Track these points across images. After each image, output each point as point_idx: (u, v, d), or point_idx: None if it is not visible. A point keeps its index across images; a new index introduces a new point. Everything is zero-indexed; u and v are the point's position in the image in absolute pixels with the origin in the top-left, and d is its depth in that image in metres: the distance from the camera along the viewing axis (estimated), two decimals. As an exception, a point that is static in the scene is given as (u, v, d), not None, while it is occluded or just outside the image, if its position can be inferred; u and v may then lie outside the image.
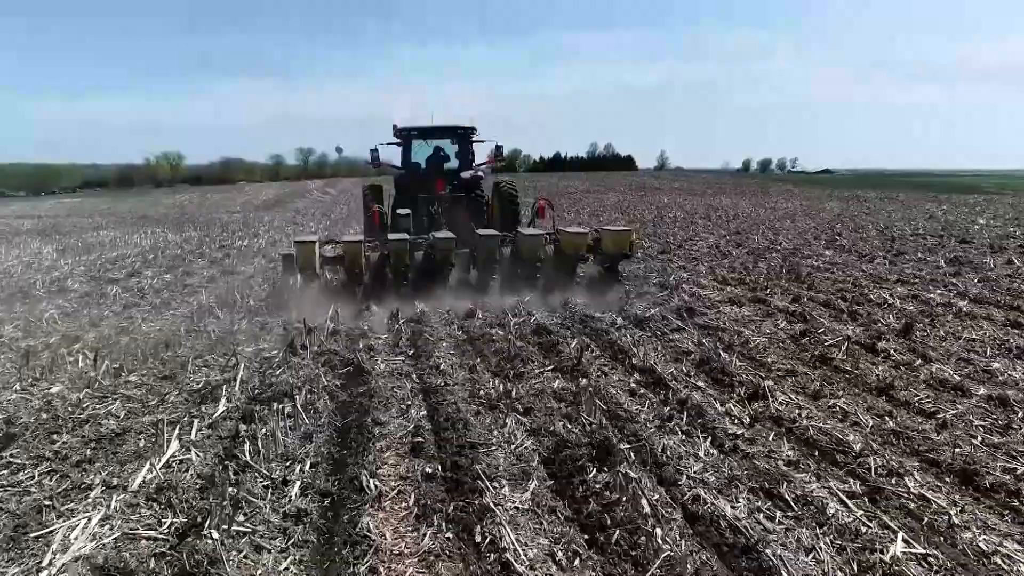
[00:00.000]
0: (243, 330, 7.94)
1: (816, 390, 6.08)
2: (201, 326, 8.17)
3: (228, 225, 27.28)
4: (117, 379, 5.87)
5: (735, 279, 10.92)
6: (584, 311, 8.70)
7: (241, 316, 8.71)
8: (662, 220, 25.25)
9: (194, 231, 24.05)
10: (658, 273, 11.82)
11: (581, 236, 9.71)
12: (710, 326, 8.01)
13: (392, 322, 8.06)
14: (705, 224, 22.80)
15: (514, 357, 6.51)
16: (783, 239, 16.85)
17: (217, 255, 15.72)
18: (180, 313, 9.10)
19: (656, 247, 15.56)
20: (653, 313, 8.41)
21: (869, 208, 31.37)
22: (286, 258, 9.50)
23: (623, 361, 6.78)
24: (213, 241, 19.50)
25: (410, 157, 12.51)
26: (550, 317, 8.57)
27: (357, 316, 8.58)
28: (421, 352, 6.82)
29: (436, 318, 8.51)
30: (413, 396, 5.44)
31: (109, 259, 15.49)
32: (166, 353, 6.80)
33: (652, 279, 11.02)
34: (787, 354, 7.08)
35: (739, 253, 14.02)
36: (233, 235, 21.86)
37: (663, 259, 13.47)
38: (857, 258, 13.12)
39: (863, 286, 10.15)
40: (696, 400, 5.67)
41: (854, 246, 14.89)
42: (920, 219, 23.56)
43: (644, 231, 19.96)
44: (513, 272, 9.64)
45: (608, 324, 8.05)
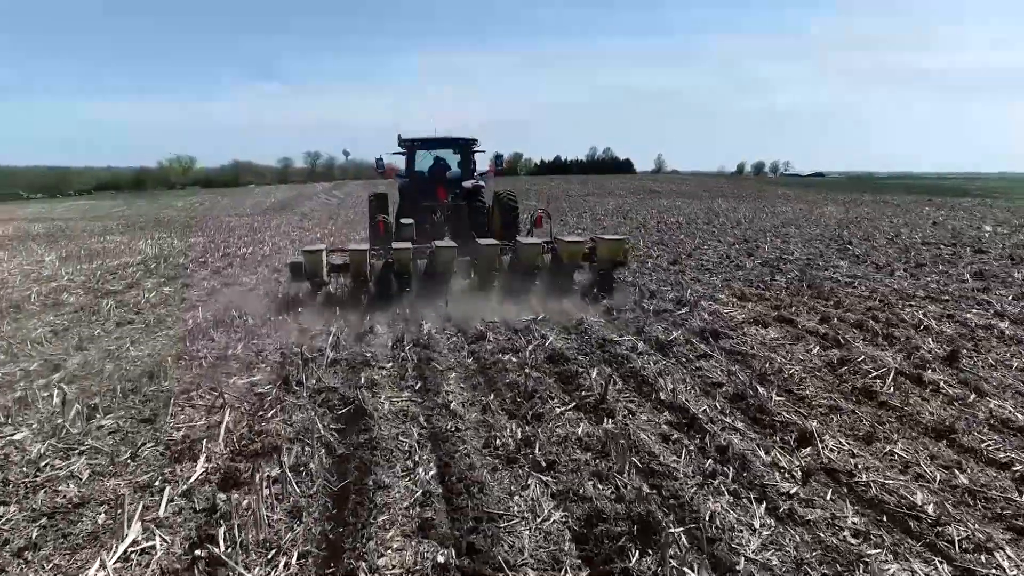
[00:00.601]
0: (238, 355, 7.11)
1: (867, 432, 5.26)
2: (194, 350, 7.35)
3: (235, 230, 26.47)
4: (89, 423, 5.04)
5: (754, 295, 10.08)
6: (601, 333, 7.88)
7: (238, 337, 7.89)
8: (666, 225, 24.41)
9: (200, 236, 23.23)
10: (673, 287, 11.00)
11: (578, 245, 9.71)
12: (737, 351, 7.18)
13: (397, 348, 7.23)
14: (709, 230, 21.96)
15: (532, 395, 5.68)
16: (793, 248, 16.01)
17: (220, 264, 14.90)
18: (173, 334, 8.28)
19: (666, 256, 14.72)
20: (675, 336, 7.58)
21: (869, 213, 30.50)
22: (294, 266, 9.42)
23: (650, 395, 5.95)
24: (218, 248, 18.69)
25: (414, 166, 12.50)
26: (565, 339, 7.74)
27: (359, 339, 7.76)
28: (429, 385, 5.99)
29: (443, 341, 7.69)
30: (421, 447, 4.61)
31: (111, 268, 14.68)
32: (150, 387, 5.98)
33: (668, 294, 10.18)
34: (826, 386, 6.25)
35: (752, 264, 13.17)
36: (239, 241, 21.04)
37: (675, 271, 12.63)
38: (875, 270, 12.28)
39: (891, 304, 9.31)
40: (737, 447, 4.85)
41: (868, 256, 14.03)
42: (924, 226, 22.70)
43: (650, 238, 19.12)
44: (512, 279, 9.55)
45: (628, 349, 7.23)
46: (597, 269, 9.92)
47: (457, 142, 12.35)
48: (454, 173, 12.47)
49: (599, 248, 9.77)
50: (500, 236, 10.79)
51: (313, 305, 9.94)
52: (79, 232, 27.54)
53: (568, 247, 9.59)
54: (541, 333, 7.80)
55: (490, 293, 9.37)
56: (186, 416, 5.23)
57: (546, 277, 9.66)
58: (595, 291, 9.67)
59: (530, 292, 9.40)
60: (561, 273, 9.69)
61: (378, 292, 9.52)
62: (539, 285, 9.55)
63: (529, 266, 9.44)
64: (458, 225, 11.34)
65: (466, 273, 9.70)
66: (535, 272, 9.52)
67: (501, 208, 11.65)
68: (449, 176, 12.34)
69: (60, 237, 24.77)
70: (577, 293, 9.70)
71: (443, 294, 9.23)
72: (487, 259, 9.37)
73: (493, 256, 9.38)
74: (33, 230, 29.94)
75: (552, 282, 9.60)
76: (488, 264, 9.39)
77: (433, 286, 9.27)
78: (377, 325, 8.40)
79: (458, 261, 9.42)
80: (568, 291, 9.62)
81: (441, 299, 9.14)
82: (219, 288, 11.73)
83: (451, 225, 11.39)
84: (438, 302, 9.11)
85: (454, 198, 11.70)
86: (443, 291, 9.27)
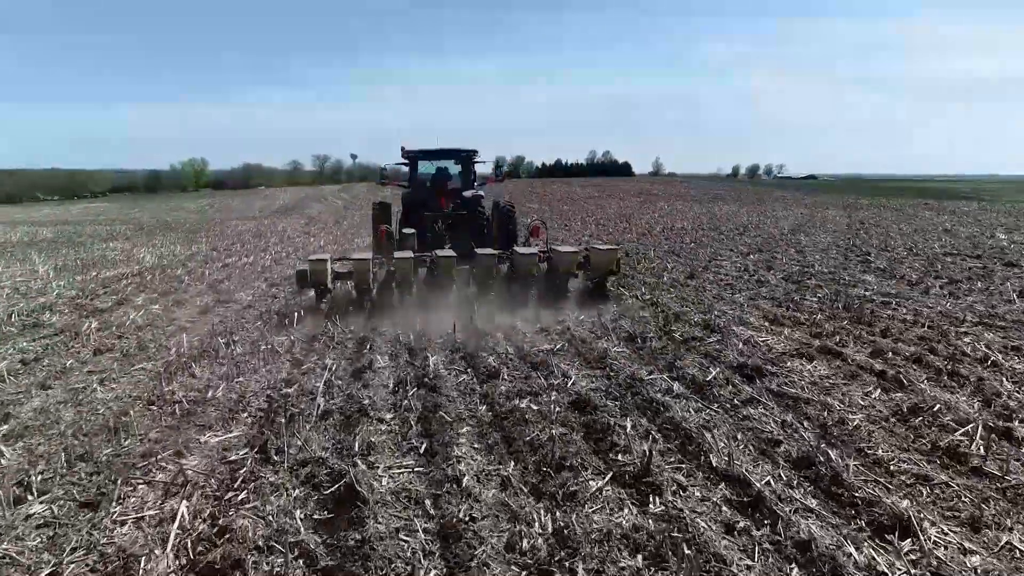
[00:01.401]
0: (217, 400, 5.95)
1: (971, 515, 4.11)
2: (169, 392, 6.19)
3: (240, 235, 25.32)
4: (16, 510, 3.90)
5: (787, 317, 8.90)
6: (629, 368, 6.72)
7: (221, 374, 6.73)
8: (672, 232, 23.22)
9: (203, 243, 22.08)
10: (695, 305, 9.83)
11: (572, 254, 9.77)
12: (787, 394, 6.02)
13: (399, 391, 6.06)
14: (717, 237, 20.77)
15: (561, 463, 4.51)
16: (811, 259, 14.82)
17: (217, 276, 13.74)
18: (151, 368, 7.11)
19: (681, 269, 13.54)
20: (714, 375, 6.41)
21: (872, 218, 29.28)
22: (300, 274, 9.39)
23: (698, 457, 4.79)
24: (219, 256, 17.53)
25: (416, 177, 12.44)
26: (589, 377, 6.57)
27: (356, 376, 6.58)
28: (436, 446, 4.82)
29: (451, 379, 6.52)
30: (426, 554, 3.46)
31: (105, 280, 13.53)
32: (105, 450, 4.82)
33: (693, 316, 9.01)
34: (902, 443, 5.09)
35: (775, 279, 11.97)
36: (241, 248, 19.89)
37: (694, 286, 11.45)
38: (908, 287, 11.08)
39: (941, 329, 8.13)
40: (820, 541, 3.70)
41: (894, 270, 12.83)
42: (936, 232, 21.49)
43: (660, 248, 17.93)
44: (510, 288, 9.61)
45: (663, 391, 6.06)
46: (591, 278, 10.04)
47: (458, 153, 12.30)
48: (455, 183, 12.34)
49: (593, 257, 9.82)
50: (499, 245, 10.85)
51: (308, 327, 8.83)
52: (85, 237, 26.41)
53: (563, 257, 9.62)
54: (562, 370, 6.63)
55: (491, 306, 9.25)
56: (138, 498, 4.06)
57: (542, 285, 9.72)
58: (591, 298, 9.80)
59: (527, 300, 9.46)
60: (556, 281, 9.73)
61: (381, 300, 9.49)
62: (535, 293, 9.62)
63: (525, 275, 9.49)
64: (459, 234, 11.30)
65: (465, 282, 9.61)
66: (531, 280, 9.58)
67: (500, 217, 11.70)
68: (450, 186, 12.20)
69: (64, 243, 23.65)
70: (572, 300, 9.72)
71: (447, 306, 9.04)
72: (485, 268, 9.37)
73: (491, 265, 9.40)
74: (41, 235, 28.87)
75: (548, 290, 9.67)
76: (486, 273, 9.39)
77: (434, 294, 9.28)
78: (377, 357, 7.24)
79: (457, 270, 9.41)
80: (563, 299, 9.66)
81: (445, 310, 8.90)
82: (212, 306, 10.57)
83: (452, 234, 11.35)
84: (444, 326, 8.46)
85: (455, 208, 11.67)
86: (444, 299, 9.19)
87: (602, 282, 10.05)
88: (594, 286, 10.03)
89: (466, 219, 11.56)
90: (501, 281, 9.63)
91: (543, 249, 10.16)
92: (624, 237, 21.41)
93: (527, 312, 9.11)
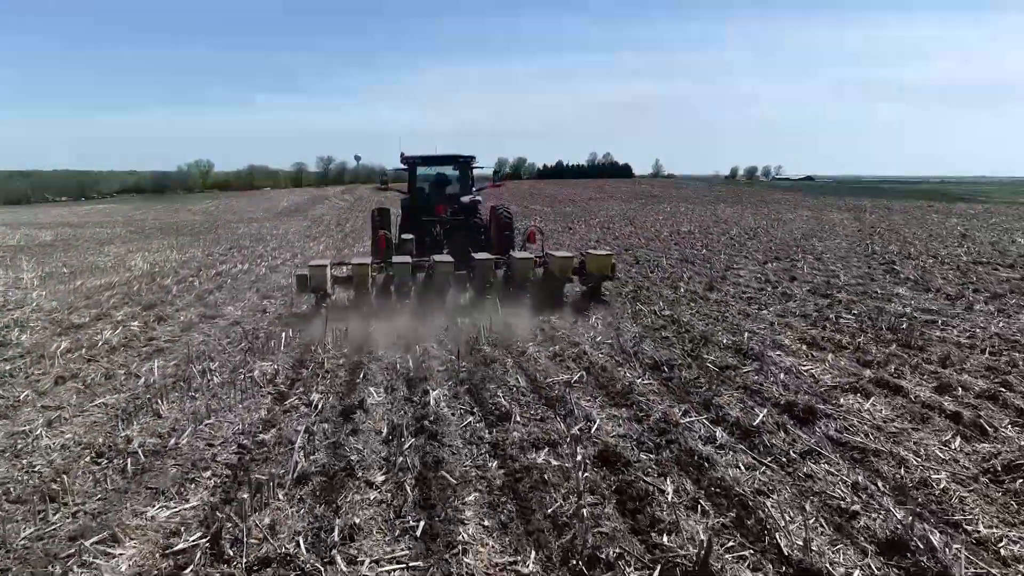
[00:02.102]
0: (179, 452, 4.92)
1: None
2: (125, 439, 5.16)
3: (239, 239, 24.30)
4: None
5: (826, 339, 7.84)
6: (660, 406, 5.68)
7: (190, 413, 5.70)
8: (679, 236, 22.17)
9: (201, 248, 21.05)
10: (719, 322, 8.79)
11: (568, 259, 9.74)
12: (850, 443, 4.97)
13: (393, 441, 5.01)
14: (727, 241, 19.72)
15: (594, 555, 3.47)
16: (833, 267, 13.76)
17: (208, 286, 12.70)
18: (112, 403, 6.08)
19: (697, 279, 12.49)
20: (760, 419, 5.37)
21: (883, 221, 28.19)
22: (300, 278, 9.29)
23: (762, 538, 3.75)
24: (215, 263, 16.50)
25: (415, 183, 12.30)
26: (614, 419, 5.54)
27: (345, 418, 5.53)
28: (437, 525, 3.78)
29: (455, 423, 5.47)
30: None
31: (90, 290, 12.51)
32: (26, 530, 3.79)
33: (721, 337, 7.96)
34: (1007, 515, 4.05)
35: (800, 292, 10.89)
36: (237, 254, 18.87)
37: (715, 300, 10.40)
38: (948, 302, 10.02)
39: (1009, 357, 7.07)
40: None
41: (927, 281, 11.75)
42: (953, 238, 20.42)
43: (670, 254, 16.86)
44: (506, 292, 9.57)
45: (703, 439, 5.03)
46: (586, 282, 9.99)
47: (456, 159, 12.20)
48: (453, 189, 12.27)
49: (588, 263, 9.78)
50: (497, 250, 10.84)
51: (296, 350, 7.81)
52: (83, 241, 25.39)
53: (559, 262, 9.58)
54: (584, 410, 5.59)
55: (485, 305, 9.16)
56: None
57: (538, 290, 9.67)
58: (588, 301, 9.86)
59: (523, 304, 9.39)
60: (552, 286, 9.70)
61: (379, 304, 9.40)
62: (531, 297, 9.55)
63: (522, 280, 9.45)
64: (456, 239, 11.17)
65: (462, 286, 9.57)
66: (527, 285, 9.54)
67: (497, 222, 11.57)
68: (448, 192, 12.15)
69: (60, 247, 22.64)
70: (568, 305, 9.68)
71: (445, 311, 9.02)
72: (482, 273, 9.31)
73: (488, 270, 9.34)
74: (40, 238, 27.91)
75: (544, 294, 9.62)
76: (483, 278, 9.32)
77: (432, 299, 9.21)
78: (371, 390, 6.20)
79: (454, 275, 9.32)
80: (559, 303, 9.64)
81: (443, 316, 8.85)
82: (196, 322, 9.53)
83: (450, 239, 11.23)
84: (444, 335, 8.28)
85: (453, 213, 11.55)
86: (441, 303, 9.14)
87: (597, 287, 10.00)
88: (590, 291, 10.03)
89: (464, 224, 11.50)
90: (498, 286, 9.56)
91: (539, 254, 10.08)
92: (631, 242, 20.36)
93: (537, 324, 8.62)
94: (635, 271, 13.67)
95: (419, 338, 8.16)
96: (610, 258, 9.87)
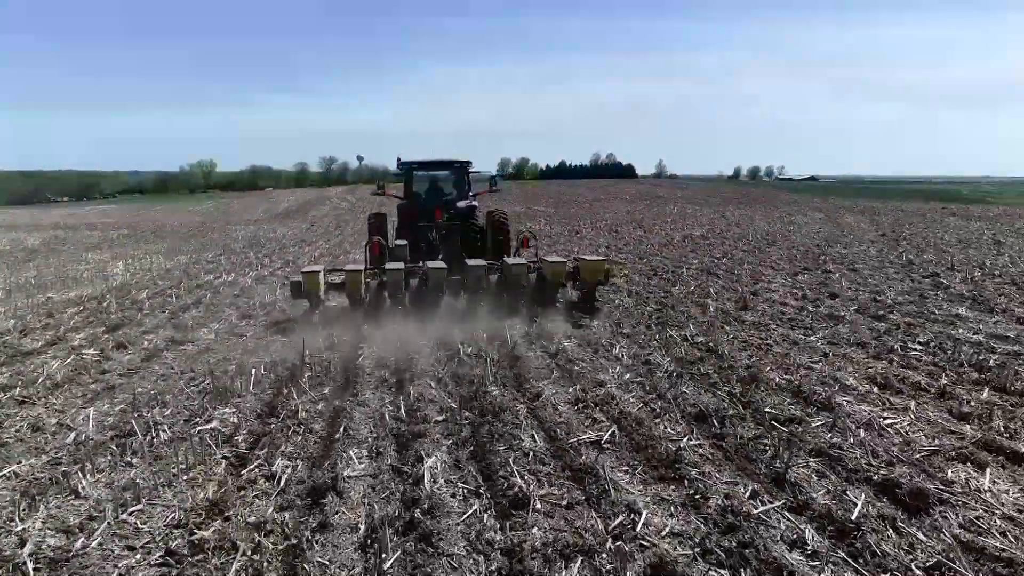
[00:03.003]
0: (83, 562, 3.61)
1: None
2: (15, 539, 3.85)
3: (232, 244, 23.01)
4: None
5: (900, 379, 6.45)
6: (717, 485, 4.35)
7: (114, 496, 4.38)
8: (693, 241, 20.81)
9: (190, 253, 19.77)
10: (763, 352, 7.44)
11: (561, 265, 9.67)
12: (989, 551, 3.64)
13: (371, 553, 3.68)
14: (747, 248, 18.36)
15: None
16: (872, 280, 12.38)
17: (186, 301, 11.40)
18: (22, 474, 4.77)
19: (725, 294, 11.12)
20: (860, 510, 4.02)
21: (902, 224, 26.77)
22: (294, 284, 9.16)
23: None
24: (199, 272, 15.20)
25: (412, 188, 12.11)
26: (665, 504, 4.20)
27: (315, 501, 4.21)
28: None
29: (456, 506, 4.15)
30: None
31: (55, 306, 11.22)
32: None
33: (771, 375, 6.60)
34: None
35: (848, 312, 9.46)
36: (229, 259, 17.58)
37: (752, 323, 9.04)
38: (1022, 327, 8.65)
39: None
40: None
41: (986, 299, 10.33)
42: (986, 244, 19.01)
43: (688, 261, 15.50)
44: (500, 297, 9.41)
45: (788, 543, 3.70)
46: (580, 288, 9.88)
47: (452, 164, 12.12)
48: (449, 194, 12.11)
49: (581, 268, 9.70)
50: (492, 255, 10.82)
51: (267, 390, 6.51)
52: (71, 245, 24.15)
53: (552, 267, 9.55)
54: (624, 495, 4.25)
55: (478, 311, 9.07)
56: None
57: (532, 295, 9.61)
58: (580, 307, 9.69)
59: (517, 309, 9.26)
60: (545, 292, 9.66)
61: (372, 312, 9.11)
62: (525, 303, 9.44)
63: (515, 285, 9.37)
64: (453, 244, 11.03)
65: (457, 291, 9.37)
66: (521, 291, 9.44)
67: (493, 227, 11.55)
68: (445, 197, 11.96)
69: (43, 253, 21.39)
70: (561, 310, 9.52)
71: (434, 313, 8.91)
72: (475, 279, 9.21)
73: (480, 275, 9.23)
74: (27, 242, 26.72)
75: (537, 300, 9.58)
76: (476, 283, 9.21)
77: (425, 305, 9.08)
78: (351, 454, 4.89)
79: (448, 281, 9.21)
80: (552, 308, 9.50)
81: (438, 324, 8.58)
82: (161, 349, 8.22)
83: (446, 244, 11.07)
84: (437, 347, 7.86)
85: (449, 218, 11.34)
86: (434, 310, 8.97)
87: (591, 292, 9.80)
88: (583, 296, 9.85)
89: (460, 229, 11.35)
90: (491, 291, 9.38)
91: (532, 259, 10.02)
92: (643, 248, 19.02)
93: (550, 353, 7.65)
94: (654, 284, 12.30)
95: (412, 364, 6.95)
96: (603, 263, 9.78)
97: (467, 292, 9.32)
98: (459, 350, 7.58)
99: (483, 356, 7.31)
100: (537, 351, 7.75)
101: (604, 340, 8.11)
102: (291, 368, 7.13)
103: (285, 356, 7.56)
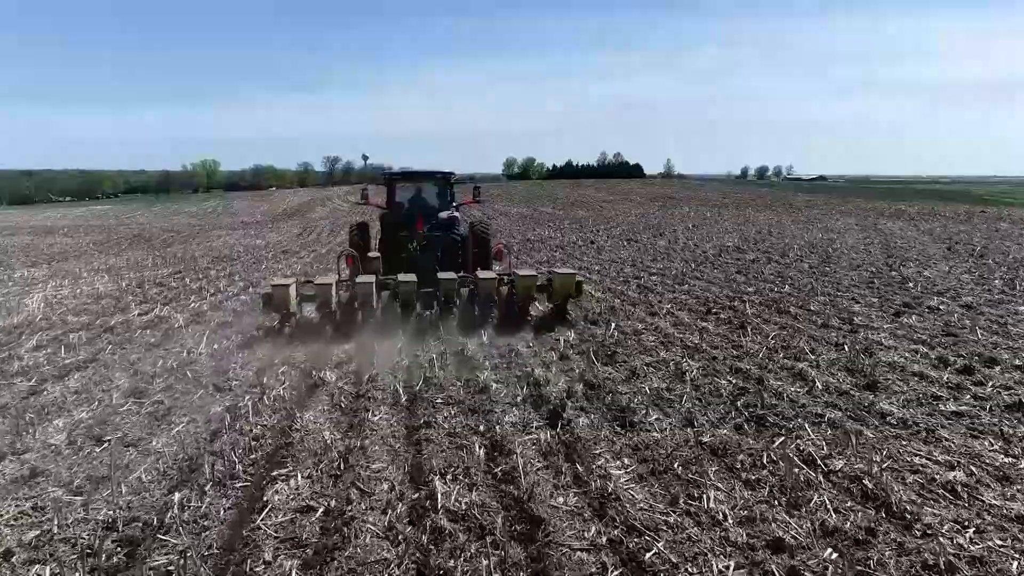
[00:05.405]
0: None
1: None
2: None
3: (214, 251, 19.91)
4: None
5: None
6: None
7: None
8: (729, 254, 17.50)
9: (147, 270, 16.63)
10: (966, 512, 4.17)
11: (532, 278, 9.51)
12: None
13: None
14: (799, 265, 15.03)
15: None
16: (1002, 320, 9.05)
17: (78, 356, 8.08)
18: None
19: (824, 350, 7.72)
20: None
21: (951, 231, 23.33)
22: (265, 297, 8.85)
23: None
24: (139, 299, 12.00)
25: (394, 198, 12.02)
26: None
27: None
28: None
29: None
30: None
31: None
32: None
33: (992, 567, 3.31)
34: None
35: (991, 392, 6.18)
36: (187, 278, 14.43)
37: (900, 420, 5.67)
38: None
39: None
40: None
41: None
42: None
43: (739, 287, 12.15)
44: (471, 310, 9.24)
45: None
46: (552, 300, 9.63)
47: (435, 175, 12.14)
48: (432, 205, 11.84)
49: (554, 282, 9.52)
50: (474, 265, 10.81)
51: None
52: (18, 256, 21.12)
53: (524, 280, 9.39)
54: None
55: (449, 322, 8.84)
56: None
57: (503, 308, 9.37)
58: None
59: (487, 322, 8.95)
60: (517, 305, 9.42)
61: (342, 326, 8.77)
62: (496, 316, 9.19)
63: (486, 297, 9.19)
64: (434, 255, 10.49)
65: (429, 304, 9.15)
66: (492, 304, 9.25)
67: (475, 239, 11.42)
68: (427, 208, 11.67)
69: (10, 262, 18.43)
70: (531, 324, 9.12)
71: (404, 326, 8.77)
72: (446, 291, 9.08)
73: (452, 288, 9.11)
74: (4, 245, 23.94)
75: (509, 313, 9.33)
76: (447, 296, 9.08)
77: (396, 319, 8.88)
78: None
79: (419, 293, 8.99)
80: (523, 320, 9.20)
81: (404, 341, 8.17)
82: (93, 396, 5.02)
83: (424, 255, 10.47)
84: None
85: (431, 229, 10.83)
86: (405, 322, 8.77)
87: (563, 306, 9.58)
88: (556, 309, 9.60)
89: (442, 240, 10.90)
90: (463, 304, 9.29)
91: (504, 272, 9.87)
92: (674, 265, 15.73)
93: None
94: (715, 332, 8.83)
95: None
96: (574, 276, 9.58)
97: (439, 305, 9.08)
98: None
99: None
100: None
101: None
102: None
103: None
